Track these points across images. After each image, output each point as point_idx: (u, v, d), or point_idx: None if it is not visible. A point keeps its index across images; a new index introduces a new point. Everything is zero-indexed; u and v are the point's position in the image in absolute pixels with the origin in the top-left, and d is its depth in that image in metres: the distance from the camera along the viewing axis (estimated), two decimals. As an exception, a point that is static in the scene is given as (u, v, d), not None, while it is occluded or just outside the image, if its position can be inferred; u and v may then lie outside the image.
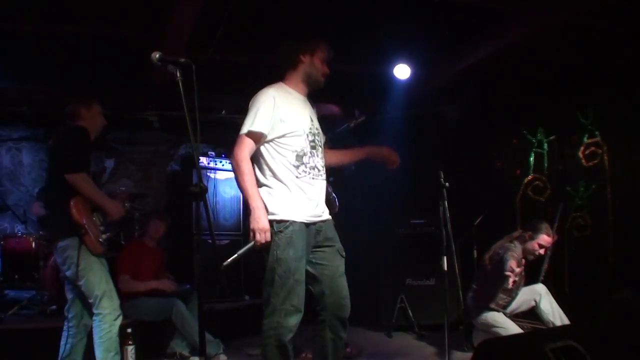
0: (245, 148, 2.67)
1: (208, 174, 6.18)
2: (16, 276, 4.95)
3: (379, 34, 4.60)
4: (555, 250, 4.73)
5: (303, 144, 2.75)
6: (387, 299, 5.43)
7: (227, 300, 5.88)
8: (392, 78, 5.39)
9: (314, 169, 2.77)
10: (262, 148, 2.75)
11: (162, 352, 4.30)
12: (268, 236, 2.60)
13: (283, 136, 2.72)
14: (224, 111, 6.57)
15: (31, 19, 4.34)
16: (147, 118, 6.23)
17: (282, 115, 2.71)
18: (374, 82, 5.59)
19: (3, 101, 5.86)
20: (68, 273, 3.16)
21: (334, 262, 2.79)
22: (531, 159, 5.35)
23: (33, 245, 4.95)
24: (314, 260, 2.75)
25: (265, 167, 2.75)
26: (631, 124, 4.42)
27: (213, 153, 6.53)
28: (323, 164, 2.85)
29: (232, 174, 6.36)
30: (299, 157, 2.73)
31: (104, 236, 3.19)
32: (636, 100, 4.30)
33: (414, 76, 5.37)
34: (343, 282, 2.79)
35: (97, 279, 3.10)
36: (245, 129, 2.67)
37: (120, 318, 3.17)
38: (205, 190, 2.15)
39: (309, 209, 2.74)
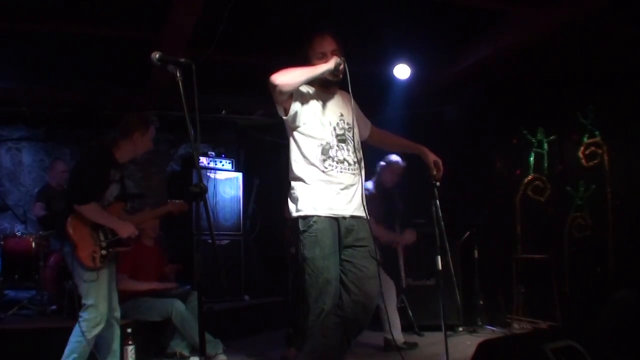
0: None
1: (208, 174, 6.19)
2: (16, 276, 4.94)
3: (379, 33, 4.60)
4: (555, 250, 4.74)
5: (328, 137, 2.72)
6: (387, 299, 5.41)
7: (227, 300, 5.88)
8: (392, 78, 5.39)
9: (342, 162, 2.73)
10: (292, 140, 2.76)
11: (162, 352, 4.30)
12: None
13: (307, 124, 2.72)
14: (224, 111, 6.57)
15: (31, 19, 4.34)
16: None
17: (307, 99, 2.73)
18: (374, 82, 5.58)
19: (3, 101, 5.85)
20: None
21: (364, 263, 2.71)
22: (531, 159, 5.35)
23: (33, 245, 4.94)
24: (342, 257, 2.71)
25: (294, 161, 2.75)
26: (631, 124, 4.42)
27: (213, 153, 6.54)
28: (356, 159, 2.78)
29: (232, 174, 6.52)
30: (325, 151, 2.70)
31: (103, 252, 3.23)
32: (636, 100, 4.30)
33: (414, 76, 5.37)
34: (372, 285, 2.71)
35: (84, 291, 3.17)
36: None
37: (100, 327, 3.19)
38: (205, 190, 2.14)
39: (337, 203, 2.69)
